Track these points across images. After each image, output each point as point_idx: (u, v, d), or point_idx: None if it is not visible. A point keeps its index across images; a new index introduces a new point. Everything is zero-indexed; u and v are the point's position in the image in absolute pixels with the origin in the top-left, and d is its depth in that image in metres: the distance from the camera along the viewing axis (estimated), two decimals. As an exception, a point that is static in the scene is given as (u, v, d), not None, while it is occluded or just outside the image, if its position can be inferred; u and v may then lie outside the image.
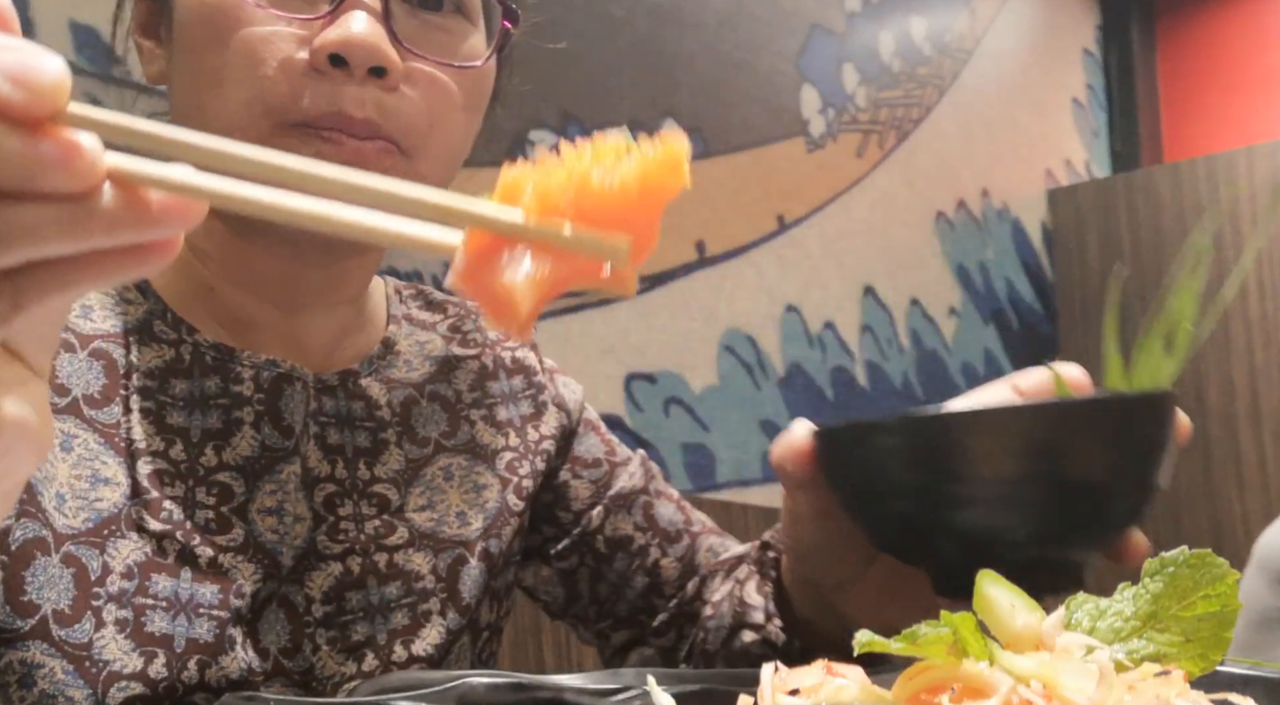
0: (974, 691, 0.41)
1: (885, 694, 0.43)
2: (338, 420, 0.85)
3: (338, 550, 0.82)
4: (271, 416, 0.82)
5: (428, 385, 0.91)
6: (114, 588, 0.74)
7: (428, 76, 0.78)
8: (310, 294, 0.84)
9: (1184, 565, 0.48)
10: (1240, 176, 3.11)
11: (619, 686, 0.54)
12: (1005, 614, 0.45)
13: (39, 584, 0.72)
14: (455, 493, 0.89)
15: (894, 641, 0.43)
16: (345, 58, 0.74)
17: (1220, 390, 3.08)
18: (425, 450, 0.89)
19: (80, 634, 0.72)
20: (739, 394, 2.49)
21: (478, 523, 0.89)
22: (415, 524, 0.86)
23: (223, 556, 0.77)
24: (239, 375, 0.81)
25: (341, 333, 0.88)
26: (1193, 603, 0.47)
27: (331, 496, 0.83)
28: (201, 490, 0.78)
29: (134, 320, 0.81)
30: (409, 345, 0.92)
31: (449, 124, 0.80)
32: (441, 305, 0.97)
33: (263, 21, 0.74)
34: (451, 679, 0.52)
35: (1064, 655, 0.42)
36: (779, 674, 0.44)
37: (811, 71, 2.73)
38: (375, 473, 0.86)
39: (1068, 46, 3.51)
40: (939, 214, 3.02)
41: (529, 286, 0.41)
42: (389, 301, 0.94)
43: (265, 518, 0.80)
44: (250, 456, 0.80)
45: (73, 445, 0.76)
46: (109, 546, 0.74)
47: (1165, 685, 0.40)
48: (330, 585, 0.82)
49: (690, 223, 2.44)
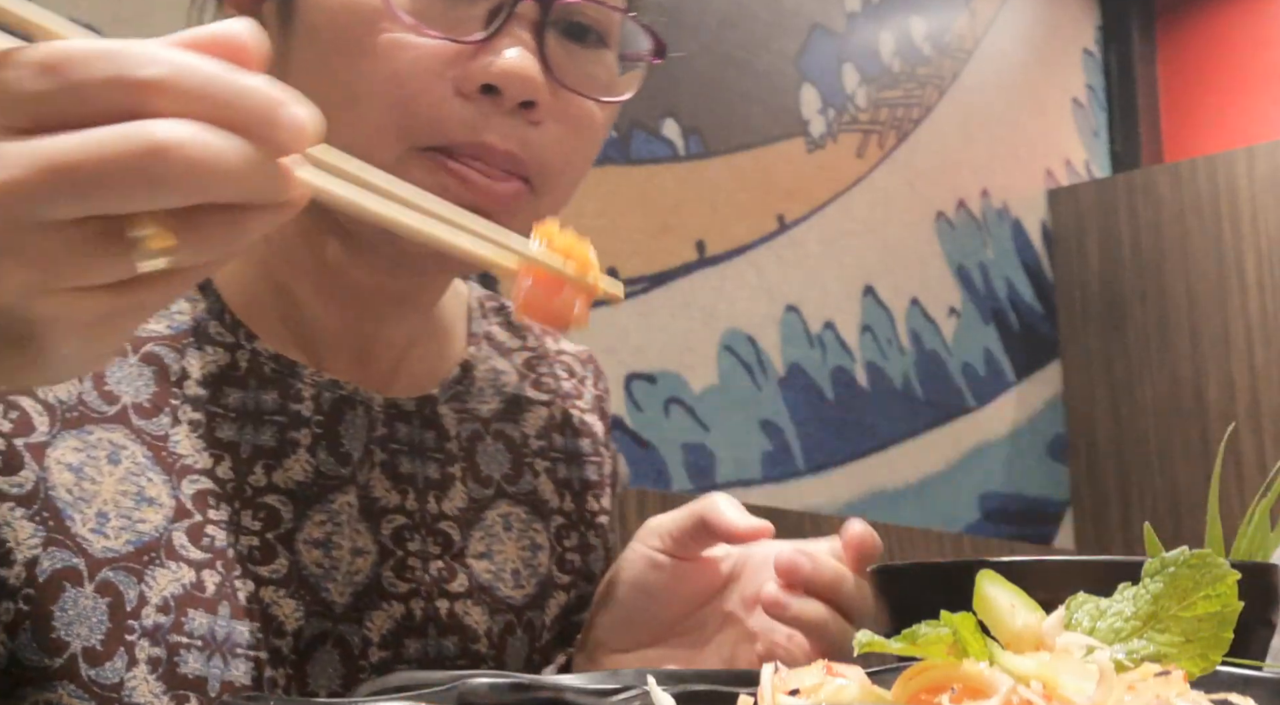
0: (974, 691, 0.41)
1: (885, 694, 0.43)
2: (410, 448, 0.82)
3: (403, 589, 0.79)
4: (329, 441, 0.78)
5: (494, 422, 0.87)
6: (149, 622, 0.70)
7: (574, 111, 0.75)
8: (389, 302, 0.81)
9: (1184, 565, 0.47)
10: (1240, 176, 3.11)
11: (619, 686, 0.53)
12: (1005, 614, 0.45)
13: (68, 619, 0.68)
14: (513, 546, 0.85)
15: (893, 641, 0.43)
16: (500, 88, 0.71)
17: (1220, 390, 3.08)
18: (487, 491, 0.85)
19: (111, 674, 0.69)
20: (739, 394, 2.49)
21: (529, 588, 0.85)
22: (475, 574, 0.83)
23: (264, 590, 0.74)
24: (299, 393, 0.78)
25: (409, 343, 0.84)
26: (1193, 603, 0.47)
27: (400, 529, 0.79)
28: (248, 514, 0.74)
29: (190, 321, 0.77)
30: (484, 372, 0.88)
31: (582, 159, 0.78)
32: (522, 329, 0.94)
33: (409, 38, 0.71)
34: (451, 679, 0.52)
35: (1064, 655, 0.42)
36: (779, 674, 0.44)
37: (811, 71, 2.73)
38: (442, 508, 0.82)
39: (1068, 46, 3.51)
40: (939, 214, 3.02)
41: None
42: (470, 315, 0.90)
43: (311, 549, 0.76)
44: (302, 482, 0.77)
45: (121, 458, 0.72)
46: (147, 575, 0.71)
47: (1165, 685, 0.40)
48: (390, 627, 0.77)
49: (690, 223, 2.44)
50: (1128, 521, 3.18)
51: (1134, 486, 3.18)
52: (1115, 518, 3.20)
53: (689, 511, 0.79)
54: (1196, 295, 3.14)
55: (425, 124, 0.71)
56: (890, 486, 2.78)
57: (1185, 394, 3.13)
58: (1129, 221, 3.26)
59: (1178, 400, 3.14)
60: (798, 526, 2.37)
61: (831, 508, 2.62)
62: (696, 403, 2.41)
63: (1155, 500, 3.14)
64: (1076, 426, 3.26)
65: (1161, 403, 3.16)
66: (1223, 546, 0.70)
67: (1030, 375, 3.21)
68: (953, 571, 0.67)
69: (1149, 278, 3.21)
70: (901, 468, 2.81)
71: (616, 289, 0.58)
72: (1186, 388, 3.13)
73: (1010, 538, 3.02)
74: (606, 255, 2.65)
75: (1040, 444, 3.20)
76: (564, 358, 0.96)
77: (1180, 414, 3.13)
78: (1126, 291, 3.24)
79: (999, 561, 0.64)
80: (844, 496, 2.66)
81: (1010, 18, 3.31)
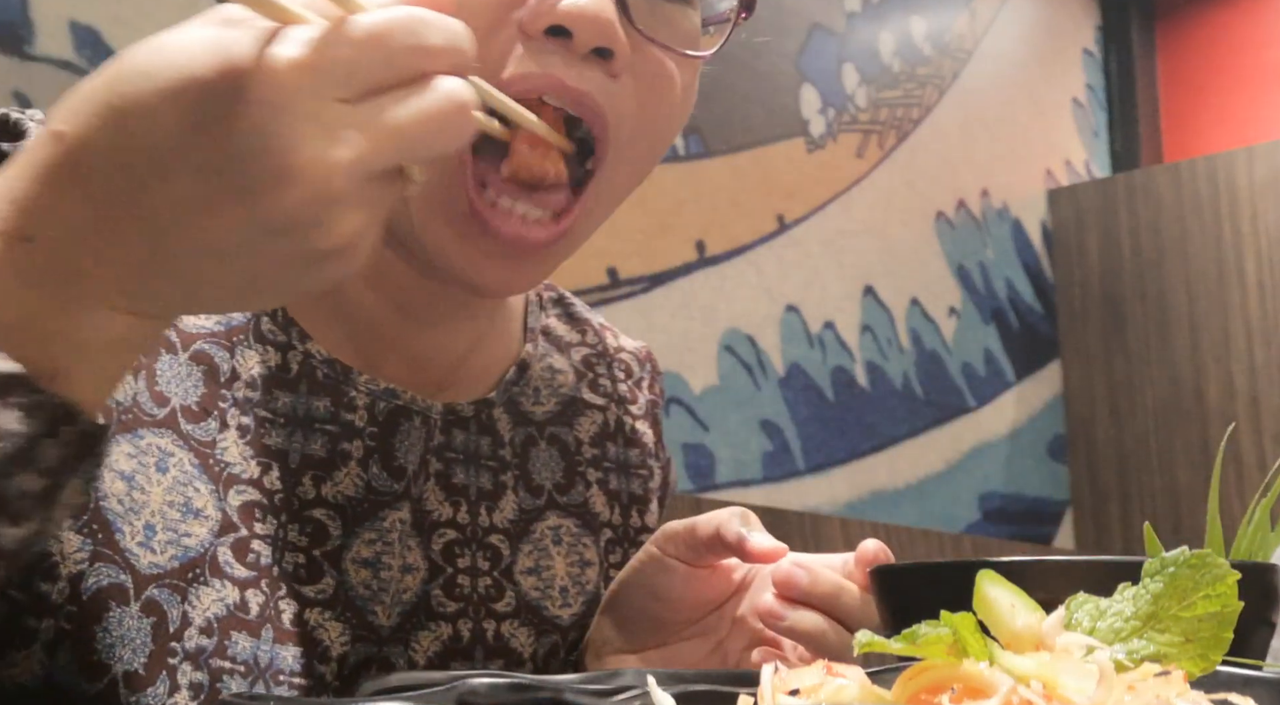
0: (974, 692, 0.41)
1: (885, 694, 0.43)
2: (465, 457, 0.79)
3: (452, 609, 0.76)
4: (383, 455, 0.75)
5: (549, 426, 0.85)
6: (191, 645, 0.67)
7: (653, 67, 0.70)
8: (448, 309, 0.78)
9: (1184, 565, 0.47)
10: (1240, 176, 3.11)
11: (619, 686, 0.53)
12: (1005, 614, 0.45)
13: (111, 641, 0.65)
14: (562, 562, 0.83)
15: (893, 641, 0.43)
16: (571, 29, 0.65)
17: (1220, 390, 3.08)
18: (538, 501, 0.83)
19: (153, 699, 0.66)
20: (739, 394, 2.49)
21: (576, 606, 0.83)
22: (523, 591, 0.80)
23: (309, 612, 0.71)
24: (353, 401, 0.75)
25: (469, 349, 0.81)
26: (1193, 603, 0.47)
27: (451, 544, 0.77)
28: (294, 528, 0.72)
29: (242, 317, 0.74)
30: (541, 370, 0.85)
31: (665, 125, 0.74)
32: (582, 323, 0.92)
33: None
34: (451, 679, 0.52)
35: (1064, 655, 0.42)
36: (779, 674, 0.44)
37: (811, 71, 2.73)
38: (494, 520, 0.80)
39: (1068, 46, 3.51)
40: (939, 214, 3.02)
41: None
42: (528, 308, 0.88)
43: (360, 569, 0.73)
44: (353, 497, 0.74)
45: (169, 466, 0.69)
46: (191, 594, 0.68)
47: (1165, 685, 0.40)
48: (438, 650, 0.76)
49: (690, 223, 2.44)
50: (1128, 521, 3.18)
51: (1134, 486, 3.18)
52: (1115, 518, 3.20)
53: (706, 521, 0.77)
54: (1196, 295, 3.14)
55: (484, 65, 0.64)
56: (890, 486, 2.78)
57: (1185, 394, 3.13)
58: (1129, 221, 3.26)
59: (1178, 400, 3.14)
60: (798, 526, 2.37)
61: (831, 508, 2.62)
62: (696, 403, 2.41)
63: (1155, 500, 3.14)
64: (1076, 426, 3.26)
65: (1161, 403, 3.16)
66: (1223, 546, 0.70)
67: (1030, 375, 3.21)
68: (953, 571, 0.67)
69: (1149, 278, 3.21)
70: (901, 468, 2.81)
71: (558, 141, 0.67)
72: (1186, 388, 3.13)
73: (1010, 538, 3.02)
74: (606, 255, 2.65)
75: (1040, 444, 3.20)
76: (622, 356, 0.94)
77: (1180, 414, 3.13)
78: (1126, 291, 3.24)
79: (999, 561, 0.64)
80: (844, 496, 2.66)
81: (1010, 18, 3.31)
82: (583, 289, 2.16)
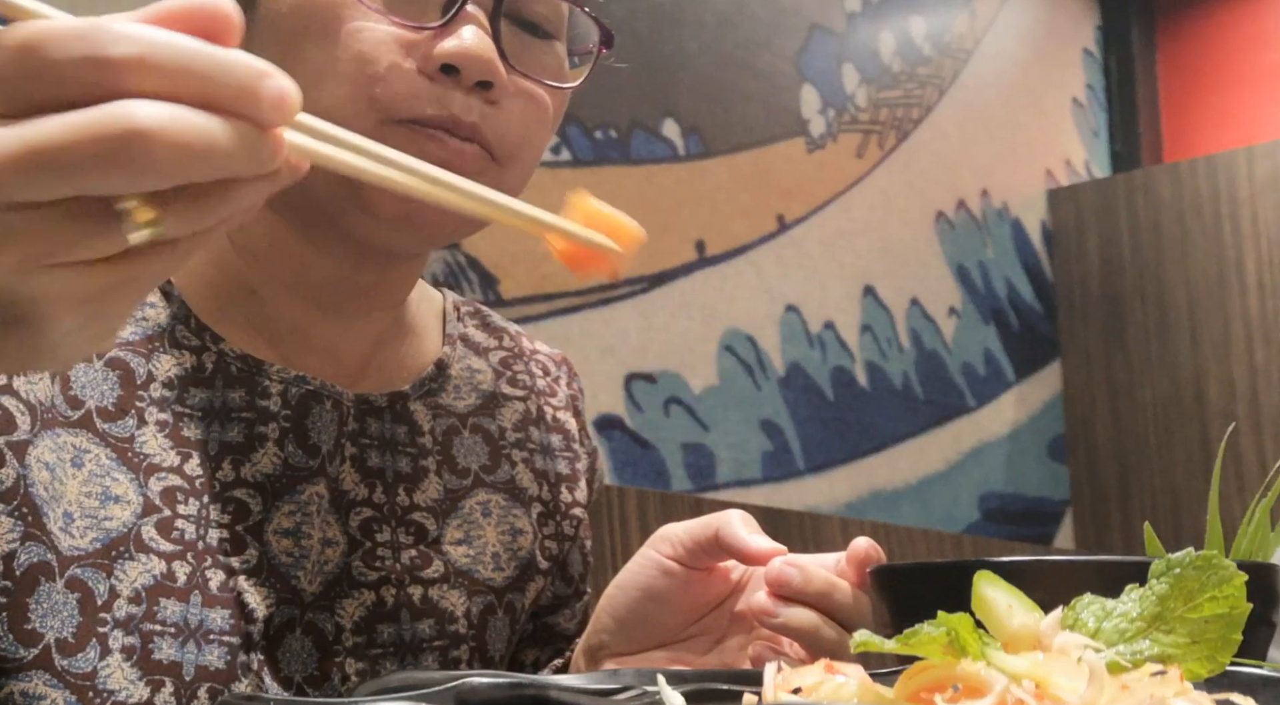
0: (974, 691, 0.41)
1: (885, 693, 0.43)
2: (380, 443, 0.84)
3: (372, 578, 0.81)
4: (298, 434, 0.80)
5: (471, 417, 0.90)
6: (121, 613, 0.72)
7: (526, 93, 0.80)
8: (357, 298, 0.83)
9: (1190, 567, 0.48)
10: (1240, 176, 3.11)
11: (619, 686, 0.54)
12: (1003, 614, 0.45)
13: (42, 612, 0.70)
14: (493, 531, 0.88)
15: (890, 641, 0.43)
16: (459, 68, 0.75)
17: (1220, 390, 3.08)
18: (464, 482, 0.88)
19: (84, 663, 0.71)
20: (739, 394, 2.49)
21: (509, 570, 0.88)
22: (452, 558, 0.85)
23: (235, 579, 0.75)
24: (266, 389, 0.79)
25: (377, 342, 0.86)
26: (1199, 604, 0.47)
27: (369, 521, 0.82)
28: (216, 508, 0.76)
29: (155, 326, 0.78)
30: (460, 370, 0.91)
31: (538, 138, 0.82)
32: (498, 330, 0.97)
33: (372, 23, 0.75)
34: (451, 679, 0.52)
35: (1058, 655, 0.42)
36: (781, 673, 0.45)
37: (811, 71, 2.73)
38: (414, 500, 0.85)
39: (1068, 46, 3.51)
40: (939, 214, 3.02)
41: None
42: (446, 318, 0.93)
43: (281, 539, 0.78)
44: (271, 474, 0.78)
45: (84, 461, 0.73)
46: (116, 569, 0.72)
47: (1161, 685, 0.40)
48: (362, 615, 0.80)
49: (690, 223, 2.44)
50: (1128, 521, 3.18)
51: (1134, 486, 3.18)
52: (1115, 518, 3.20)
53: (704, 524, 0.79)
54: (1196, 295, 3.14)
55: (396, 98, 0.74)
56: (890, 486, 2.78)
57: (1185, 394, 3.13)
58: (1129, 221, 3.27)
59: (1178, 400, 3.14)
60: (797, 527, 2.37)
61: (831, 508, 2.62)
62: (696, 403, 2.41)
63: (1155, 500, 3.14)
64: (1076, 426, 3.26)
65: (1161, 403, 3.16)
66: (1223, 546, 0.71)
67: (1030, 375, 3.21)
68: (952, 571, 0.67)
69: (1149, 278, 3.21)
70: (901, 468, 2.81)
71: (636, 229, 0.61)
72: (1186, 388, 3.13)
73: (1010, 538, 3.02)
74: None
75: (1040, 444, 3.21)
76: (539, 357, 0.99)
77: (1180, 414, 3.13)
78: (1126, 291, 3.24)
79: (998, 561, 0.64)
80: (844, 496, 2.66)
81: (1010, 18, 3.31)
82: (582, 289, 2.16)
